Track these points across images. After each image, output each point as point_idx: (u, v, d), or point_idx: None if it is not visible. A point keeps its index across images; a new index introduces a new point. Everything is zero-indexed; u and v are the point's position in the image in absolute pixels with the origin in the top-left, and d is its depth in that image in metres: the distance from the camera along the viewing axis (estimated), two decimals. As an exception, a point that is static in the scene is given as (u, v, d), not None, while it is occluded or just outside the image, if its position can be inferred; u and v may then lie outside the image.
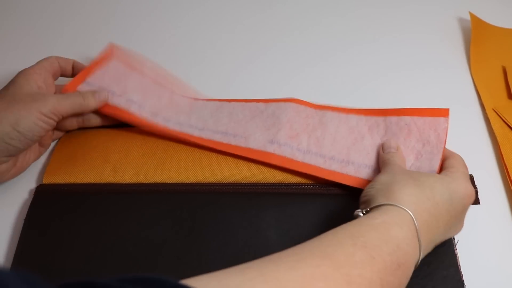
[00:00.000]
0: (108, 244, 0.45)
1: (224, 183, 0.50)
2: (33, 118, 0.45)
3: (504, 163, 0.52)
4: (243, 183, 0.50)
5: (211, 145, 0.51)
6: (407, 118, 0.50)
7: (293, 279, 0.31)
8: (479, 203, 0.49)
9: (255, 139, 0.51)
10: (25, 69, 0.49)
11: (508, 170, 0.51)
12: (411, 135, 0.49)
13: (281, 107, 0.53)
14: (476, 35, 0.64)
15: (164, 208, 0.48)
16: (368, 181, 0.48)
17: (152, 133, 0.53)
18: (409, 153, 0.49)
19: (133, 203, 0.48)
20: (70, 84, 0.53)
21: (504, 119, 0.56)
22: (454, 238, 0.46)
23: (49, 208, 0.48)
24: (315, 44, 0.65)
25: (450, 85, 0.60)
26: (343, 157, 0.50)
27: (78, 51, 0.62)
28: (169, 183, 0.50)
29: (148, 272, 0.32)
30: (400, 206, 0.39)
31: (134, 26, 0.67)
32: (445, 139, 0.49)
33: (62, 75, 0.54)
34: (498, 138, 0.54)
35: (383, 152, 0.49)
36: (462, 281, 0.43)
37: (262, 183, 0.50)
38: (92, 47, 0.58)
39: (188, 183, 0.50)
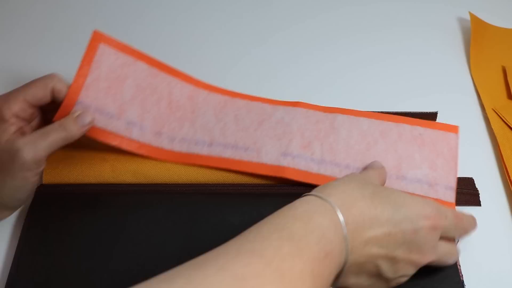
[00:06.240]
0: (108, 244, 0.45)
1: (225, 183, 0.50)
2: (19, 181, 0.43)
3: (504, 163, 0.52)
4: (244, 183, 0.50)
5: (222, 166, 0.50)
6: (421, 129, 0.51)
7: (224, 281, 0.30)
8: (479, 204, 0.50)
9: (267, 153, 0.50)
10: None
11: (508, 170, 0.51)
12: (425, 145, 0.50)
13: (290, 112, 0.52)
14: (476, 35, 0.64)
15: (164, 208, 0.48)
16: None
17: (159, 159, 0.50)
18: (423, 162, 0.49)
19: (133, 203, 0.48)
20: (60, 112, 0.45)
21: (504, 119, 0.56)
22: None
23: (49, 208, 0.48)
24: (314, 44, 0.65)
25: (450, 85, 0.60)
26: (358, 165, 0.49)
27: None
28: (169, 183, 0.50)
29: (147, 272, 0.32)
30: (321, 196, 0.38)
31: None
32: (457, 155, 0.49)
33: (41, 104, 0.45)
34: (498, 138, 0.54)
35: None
36: (462, 282, 0.44)
37: (263, 184, 0.50)
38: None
39: (188, 183, 0.50)
